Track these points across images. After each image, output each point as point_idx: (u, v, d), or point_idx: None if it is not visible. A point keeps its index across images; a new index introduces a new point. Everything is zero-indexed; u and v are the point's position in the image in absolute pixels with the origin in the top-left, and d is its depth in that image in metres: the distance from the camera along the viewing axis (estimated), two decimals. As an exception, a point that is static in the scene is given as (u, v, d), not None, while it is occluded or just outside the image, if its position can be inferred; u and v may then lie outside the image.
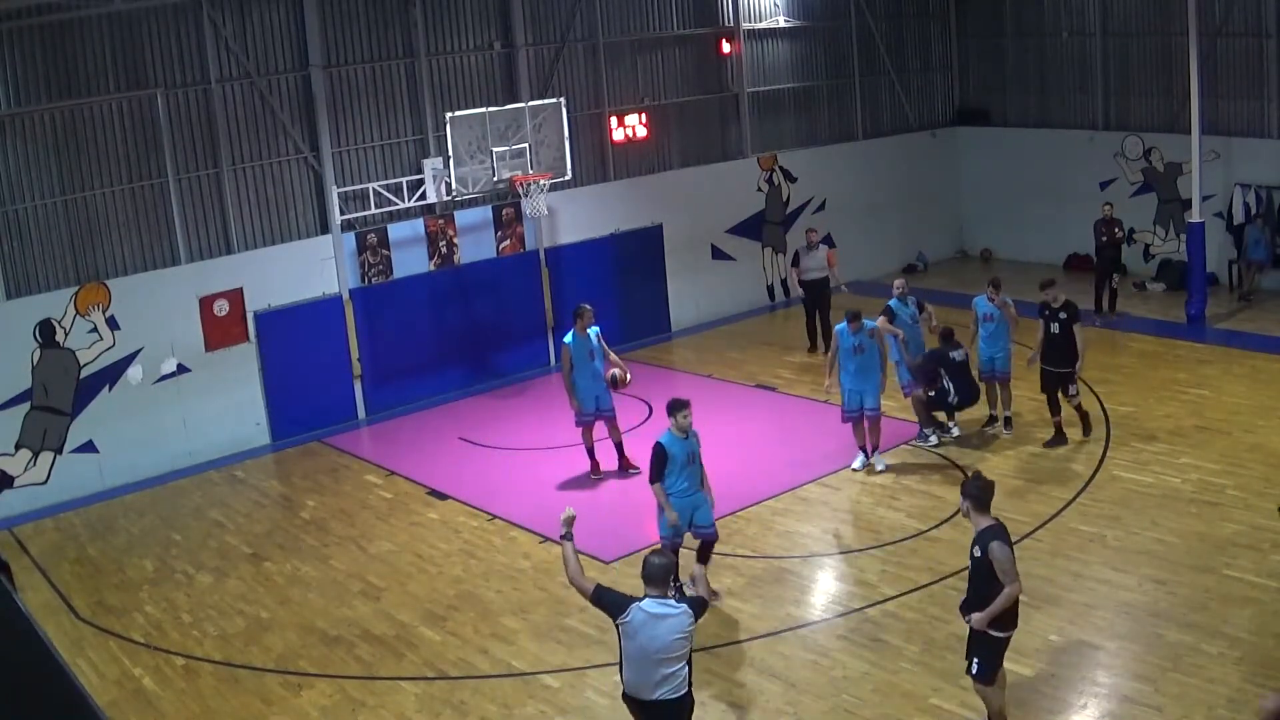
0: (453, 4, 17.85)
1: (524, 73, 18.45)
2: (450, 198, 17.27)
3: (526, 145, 16.67)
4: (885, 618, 10.26)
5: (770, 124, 21.83)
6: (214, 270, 16.03)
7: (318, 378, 16.90)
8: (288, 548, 13.05)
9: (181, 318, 15.74)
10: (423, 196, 17.32)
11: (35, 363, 14.69)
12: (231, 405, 16.21)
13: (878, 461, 13.49)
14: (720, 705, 9.12)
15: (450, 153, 16.31)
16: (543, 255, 18.88)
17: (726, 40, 20.89)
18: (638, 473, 14.02)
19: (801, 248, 18.55)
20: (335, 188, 16.80)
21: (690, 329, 20.59)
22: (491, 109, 16.80)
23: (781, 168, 21.87)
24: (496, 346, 18.57)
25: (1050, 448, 13.61)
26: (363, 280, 17.27)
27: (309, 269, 16.73)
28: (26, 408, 14.67)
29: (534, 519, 13.05)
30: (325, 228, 16.95)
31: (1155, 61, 21.24)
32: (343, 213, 16.94)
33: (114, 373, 15.29)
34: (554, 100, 17.40)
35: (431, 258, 17.83)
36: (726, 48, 20.91)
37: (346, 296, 17.10)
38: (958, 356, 13.87)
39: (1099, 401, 15.09)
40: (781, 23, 21.78)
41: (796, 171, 21.99)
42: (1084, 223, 19.71)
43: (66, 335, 14.89)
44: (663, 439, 10.39)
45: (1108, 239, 18.92)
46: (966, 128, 24.26)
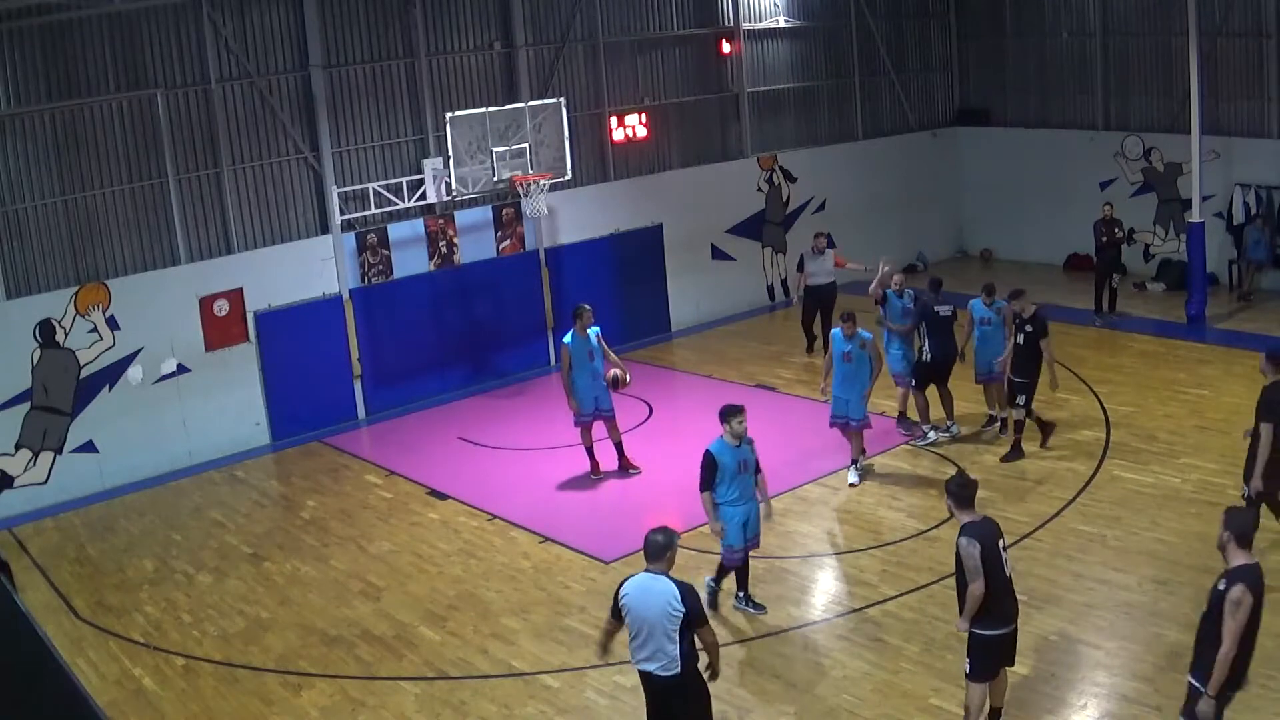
0: (453, 4, 17.85)
1: (524, 73, 18.45)
2: (450, 198, 17.27)
3: (526, 145, 16.67)
4: (885, 618, 10.26)
5: (770, 124, 21.83)
6: (214, 270, 16.04)
7: (318, 378, 16.91)
8: (288, 548, 13.05)
9: (181, 318, 15.74)
10: (423, 196, 17.32)
11: (35, 363, 14.70)
12: (231, 405, 16.21)
13: (851, 473, 13.26)
14: (721, 705, 9.10)
15: (450, 153, 16.30)
16: (543, 255, 18.88)
17: (726, 40, 20.89)
18: (638, 473, 14.03)
19: (806, 252, 18.38)
20: (335, 188, 16.81)
21: (690, 329, 20.59)
22: (491, 109, 16.79)
23: (781, 168, 21.87)
24: (496, 346, 18.57)
25: (1009, 460, 13.45)
26: (363, 280, 17.27)
27: (309, 269, 16.74)
28: (26, 408, 14.68)
29: (534, 519, 13.06)
30: (325, 228, 16.96)
31: (1155, 61, 21.24)
32: (343, 213, 16.94)
33: (114, 373, 15.30)
34: (554, 100, 17.40)
35: (431, 258, 17.83)
36: (726, 48, 20.91)
37: (346, 296, 17.10)
38: (943, 311, 13.93)
39: (1099, 401, 15.11)
40: (781, 23, 21.78)
41: (796, 171, 22.00)
42: (1084, 223, 19.69)
43: (66, 335, 14.90)
44: (712, 447, 9.97)
45: (1108, 239, 18.91)
46: (966, 128, 24.26)
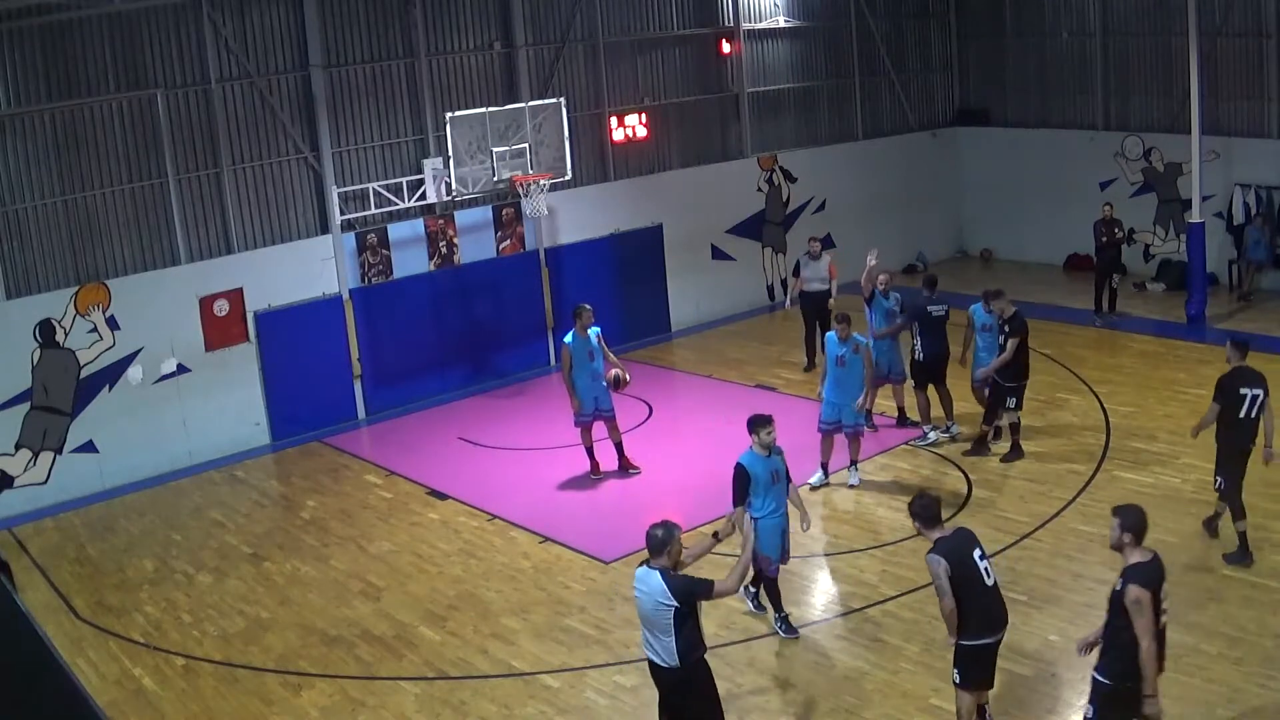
0: (453, 4, 17.85)
1: (524, 73, 18.45)
2: (450, 198, 17.27)
3: (526, 145, 16.67)
4: (885, 618, 10.26)
5: (770, 124, 21.83)
6: (214, 270, 16.04)
7: (318, 378, 16.91)
8: (288, 548, 13.05)
9: (181, 318, 15.74)
10: (423, 196, 17.32)
11: (35, 363, 14.70)
12: (231, 405, 16.21)
13: (851, 474, 13.20)
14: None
15: (450, 153, 16.30)
16: (543, 255, 18.88)
17: (726, 40, 20.89)
18: (637, 473, 14.03)
19: (803, 257, 18.30)
20: (335, 188, 16.81)
21: (690, 329, 20.59)
22: (491, 109, 16.79)
23: (781, 168, 21.86)
24: (496, 346, 18.56)
25: (971, 455, 13.53)
26: (363, 280, 17.27)
27: (309, 269, 16.74)
28: (26, 408, 14.68)
29: (534, 519, 13.05)
30: (325, 228, 16.95)
31: (1155, 61, 21.24)
32: (343, 213, 16.94)
33: (114, 373, 15.30)
34: (554, 100, 17.40)
35: (431, 258, 17.83)
36: (726, 48, 20.91)
37: (346, 296, 17.10)
38: (936, 311, 13.94)
39: (1099, 401, 15.10)
40: (781, 23, 21.78)
41: (796, 171, 21.99)
42: (1084, 223, 19.69)
43: (66, 335, 14.90)
44: (743, 459, 9.70)
45: (1108, 239, 18.90)
46: (966, 128, 24.25)
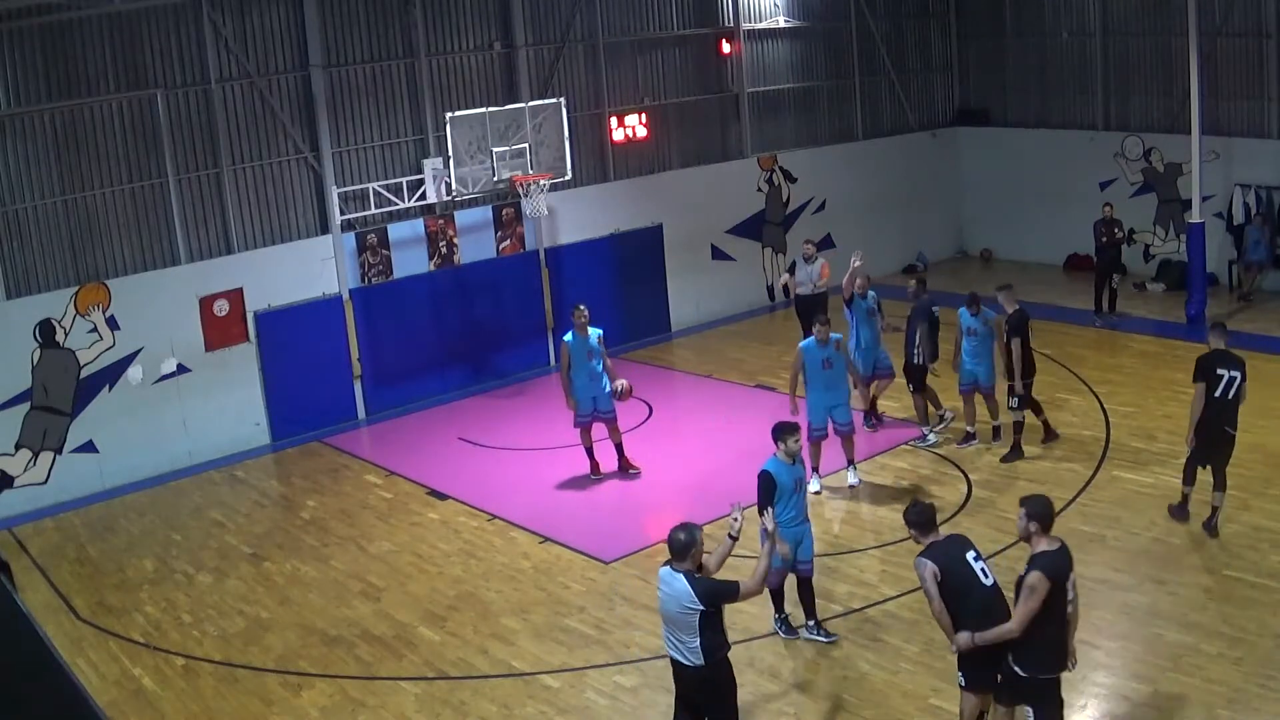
0: (453, 4, 17.85)
1: (524, 73, 18.45)
2: (450, 198, 17.27)
3: (526, 145, 16.67)
4: (885, 618, 10.26)
5: (770, 124, 21.83)
6: (214, 270, 16.04)
7: (318, 378, 16.90)
8: (288, 548, 13.05)
9: (181, 318, 15.74)
10: (423, 196, 17.32)
11: (35, 363, 14.70)
12: (231, 405, 16.21)
13: (850, 474, 13.16)
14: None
15: (450, 153, 16.30)
16: (543, 255, 18.88)
17: (726, 40, 20.89)
18: (638, 473, 14.01)
19: (799, 259, 18.36)
20: (335, 188, 16.81)
21: (690, 329, 20.59)
22: (491, 109, 16.79)
23: (781, 168, 21.86)
24: (496, 346, 18.56)
25: (1009, 460, 13.48)
26: (363, 280, 17.27)
27: (309, 269, 16.74)
28: (26, 408, 14.68)
29: (534, 519, 13.05)
30: (325, 228, 16.96)
31: (1155, 61, 21.24)
32: (343, 213, 16.94)
33: (114, 373, 15.29)
34: (554, 100, 17.40)
35: (431, 258, 17.83)
36: (726, 48, 20.91)
37: (346, 296, 17.10)
38: (936, 312, 14.11)
39: (1099, 401, 15.10)
40: (781, 23, 21.78)
41: (796, 172, 21.99)
42: (1084, 223, 19.69)
43: (66, 335, 14.90)
44: (769, 465, 9.61)
45: (1108, 239, 18.90)
46: (966, 128, 24.25)
